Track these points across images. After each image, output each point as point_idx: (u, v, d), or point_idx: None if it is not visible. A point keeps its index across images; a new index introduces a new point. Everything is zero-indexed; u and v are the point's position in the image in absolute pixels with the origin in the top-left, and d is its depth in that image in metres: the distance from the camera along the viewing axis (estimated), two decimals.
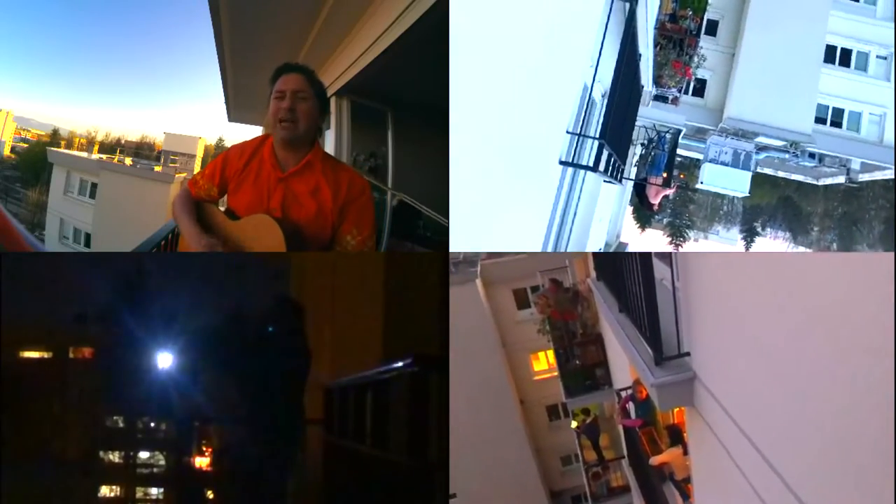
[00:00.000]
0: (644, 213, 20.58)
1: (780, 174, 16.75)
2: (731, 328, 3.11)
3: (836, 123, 15.15)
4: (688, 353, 3.71)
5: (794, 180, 17.37)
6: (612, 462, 11.39)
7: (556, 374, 11.11)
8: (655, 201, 12.75)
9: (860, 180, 15.67)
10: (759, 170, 15.07)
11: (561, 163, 4.75)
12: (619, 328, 4.65)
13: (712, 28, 14.96)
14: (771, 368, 2.63)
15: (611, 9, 4.77)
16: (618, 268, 4.68)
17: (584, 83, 5.21)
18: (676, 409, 5.47)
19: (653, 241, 24.66)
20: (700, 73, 14.44)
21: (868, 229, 23.53)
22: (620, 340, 4.67)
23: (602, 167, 5.21)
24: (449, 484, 3.70)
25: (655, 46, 11.11)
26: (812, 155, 14.71)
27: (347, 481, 4.81)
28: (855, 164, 15.11)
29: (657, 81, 12.51)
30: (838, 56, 15.27)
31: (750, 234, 26.53)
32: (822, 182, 16.85)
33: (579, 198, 6.88)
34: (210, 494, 5.58)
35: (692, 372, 3.65)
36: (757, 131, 13.87)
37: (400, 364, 3.79)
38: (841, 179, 15.69)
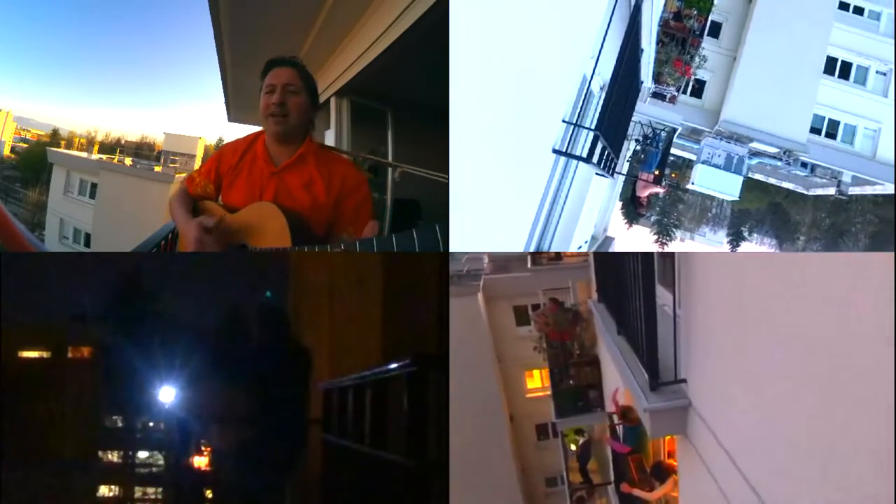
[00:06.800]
0: (632, 209, 20.60)
1: (772, 181, 16.82)
2: (730, 357, 3.03)
3: (831, 135, 15.23)
4: (684, 380, 3.62)
5: (784, 188, 17.43)
6: (598, 487, 10.93)
7: (548, 392, 10.85)
8: (642, 194, 12.79)
9: (850, 193, 15.81)
10: (750, 175, 15.13)
11: (554, 151, 4.70)
12: (617, 350, 4.53)
13: (716, 29, 14.94)
14: (768, 401, 2.57)
15: (616, 2, 4.74)
16: (619, 290, 4.57)
17: (583, 74, 5.18)
18: (667, 438, 5.37)
19: (640, 237, 24.78)
20: (700, 74, 14.46)
21: (854, 241, 23.72)
22: (616, 362, 4.56)
23: (595, 159, 5.17)
24: (449, 484, 3.70)
25: (658, 43, 11.09)
26: (804, 164, 14.84)
27: (346, 481, 4.80)
28: (846, 177, 15.27)
29: (657, 79, 12.52)
30: (838, 68, 15.30)
31: (736, 238, 26.71)
32: (812, 192, 16.97)
33: (570, 187, 6.85)
34: (209, 494, 5.57)
35: (687, 399, 3.56)
36: (752, 136, 13.93)
37: (399, 364, 3.79)
38: (831, 191, 15.83)
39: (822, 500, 2.13)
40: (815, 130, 14.88)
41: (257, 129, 3.60)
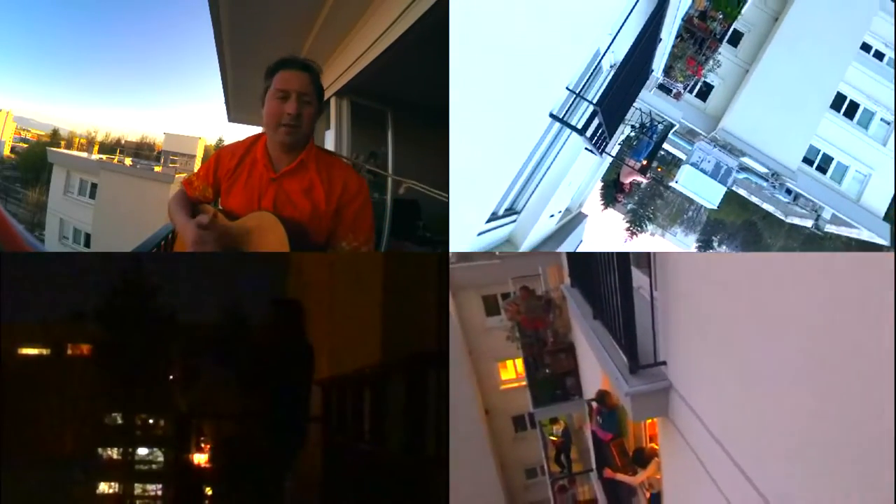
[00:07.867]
0: (612, 193, 20.42)
1: (753, 199, 16.83)
2: (709, 337, 3.02)
3: (822, 169, 15.28)
4: (664, 363, 3.59)
5: (763, 209, 17.42)
6: (579, 475, 10.83)
7: (523, 383, 10.51)
8: (625, 180, 12.80)
9: (826, 230, 15.81)
10: (734, 188, 15.14)
11: (551, 115, 4.66)
12: (593, 335, 4.42)
13: (736, 38, 14.95)
14: (749, 378, 2.57)
15: None
16: (593, 274, 4.44)
17: (597, 48, 5.15)
18: (648, 422, 5.31)
19: (612, 221, 24.82)
20: (710, 78, 14.47)
21: None
22: (594, 348, 4.46)
23: (589, 134, 5.14)
24: (449, 481, 3.72)
25: (677, 37, 11.05)
26: (789, 191, 14.87)
27: (346, 477, 4.82)
28: (826, 214, 15.30)
29: (667, 72, 12.53)
30: (845, 106, 15.31)
31: (705, 246, 26.72)
32: (789, 220, 16.99)
33: (557, 155, 6.82)
34: (208, 491, 5.59)
35: (668, 381, 3.53)
36: (745, 151, 13.96)
37: (398, 362, 3.81)
38: (808, 223, 15.86)
39: (806, 476, 2.15)
40: (807, 161, 14.98)
41: (257, 129, 3.51)
